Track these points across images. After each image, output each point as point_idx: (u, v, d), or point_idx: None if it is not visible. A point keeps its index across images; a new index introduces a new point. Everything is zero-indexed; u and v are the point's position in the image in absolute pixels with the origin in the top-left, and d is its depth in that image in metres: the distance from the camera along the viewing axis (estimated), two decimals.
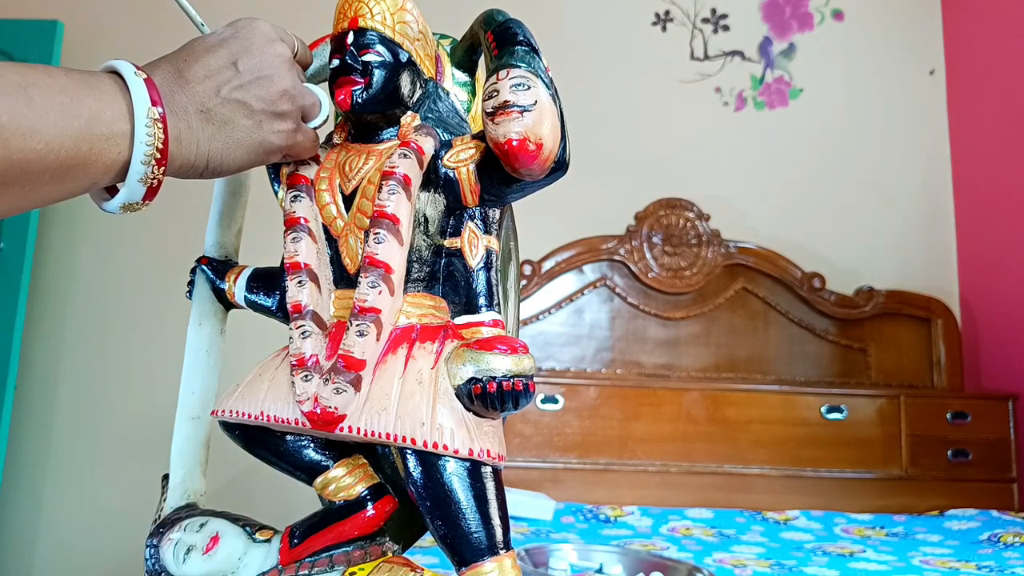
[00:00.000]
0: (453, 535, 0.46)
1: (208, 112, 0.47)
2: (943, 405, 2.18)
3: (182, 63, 0.48)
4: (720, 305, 2.40)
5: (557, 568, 1.20)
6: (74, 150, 0.41)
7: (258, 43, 0.50)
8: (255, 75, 0.49)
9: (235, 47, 0.49)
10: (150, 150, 0.44)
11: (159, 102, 0.45)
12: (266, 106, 0.49)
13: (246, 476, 2.05)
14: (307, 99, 0.52)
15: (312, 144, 0.54)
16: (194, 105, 0.47)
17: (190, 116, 0.47)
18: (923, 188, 2.57)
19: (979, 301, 2.43)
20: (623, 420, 2.12)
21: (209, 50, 0.49)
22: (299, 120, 0.52)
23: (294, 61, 0.52)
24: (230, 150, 0.49)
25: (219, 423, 0.55)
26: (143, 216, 2.67)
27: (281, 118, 0.50)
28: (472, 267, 0.51)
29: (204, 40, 0.50)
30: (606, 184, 2.48)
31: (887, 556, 1.57)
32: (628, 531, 1.78)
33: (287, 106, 0.50)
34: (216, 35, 0.51)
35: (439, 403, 0.46)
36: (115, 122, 0.43)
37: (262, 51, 0.49)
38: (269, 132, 0.50)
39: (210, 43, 0.50)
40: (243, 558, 0.52)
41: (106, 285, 2.39)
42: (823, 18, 2.65)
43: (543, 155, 0.45)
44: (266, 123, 0.49)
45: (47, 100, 0.41)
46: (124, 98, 0.44)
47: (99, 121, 0.43)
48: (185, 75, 0.47)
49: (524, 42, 0.47)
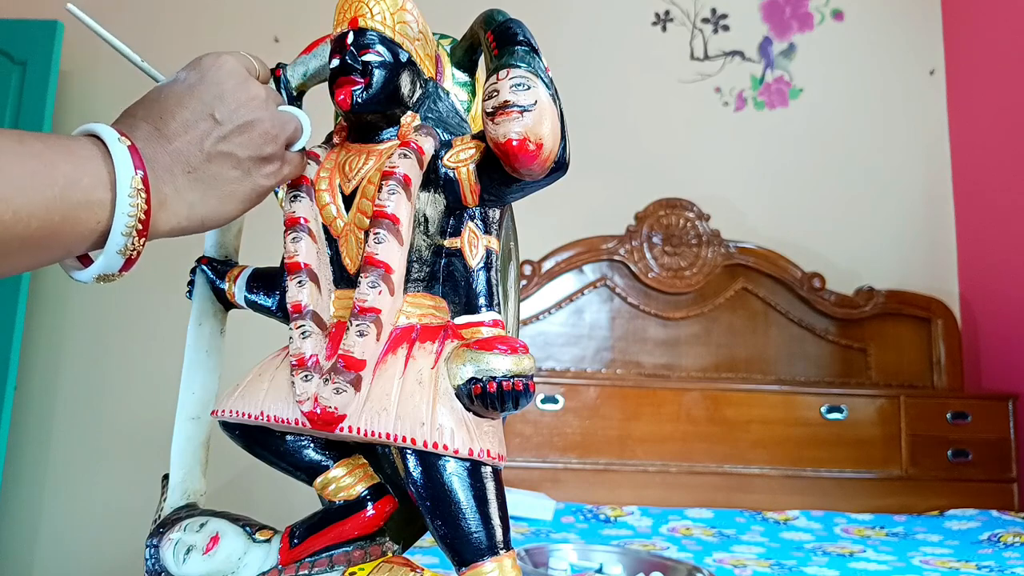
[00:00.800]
0: (453, 535, 0.46)
1: (195, 171, 0.45)
2: (943, 405, 2.18)
3: (158, 120, 0.46)
4: (720, 305, 2.40)
5: (557, 568, 1.20)
6: (46, 219, 0.39)
7: (230, 87, 0.47)
8: (235, 123, 0.47)
9: (207, 95, 0.47)
10: (132, 220, 0.42)
11: (142, 166, 0.42)
12: (252, 152, 0.47)
13: (246, 476, 2.05)
14: (288, 130, 0.50)
15: (300, 166, 0.53)
16: (179, 166, 0.45)
17: (176, 178, 0.45)
18: (923, 188, 2.57)
19: (979, 301, 2.43)
20: (623, 420, 2.12)
21: (181, 102, 0.46)
22: (283, 152, 0.50)
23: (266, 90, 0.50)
24: (223, 204, 0.47)
25: (219, 423, 0.55)
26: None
27: (268, 161, 0.49)
28: (472, 267, 0.51)
29: (172, 89, 0.48)
30: (606, 184, 2.48)
31: (887, 556, 1.57)
32: (628, 531, 1.78)
33: (271, 148, 0.48)
34: (182, 82, 0.48)
35: (439, 403, 0.46)
36: (94, 189, 0.41)
37: (236, 95, 0.47)
38: (259, 177, 0.48)
39: (179, 92, 0.47)
40: (243, 558, 0.52)
41: (106, 285, 2.39)
42: (823, 18, 2.65)
43: (543, 155, 0.45)
44: (254, 169, 0.48)
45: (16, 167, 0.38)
46: (105, 164, 0.42)
47: (76, 188, 0.40)
48: (164, 133, 0.45)
49: (524, 42, 0.47)
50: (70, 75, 2.52)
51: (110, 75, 2.57)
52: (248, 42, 2.53)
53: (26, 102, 2.33)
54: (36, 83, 2.33)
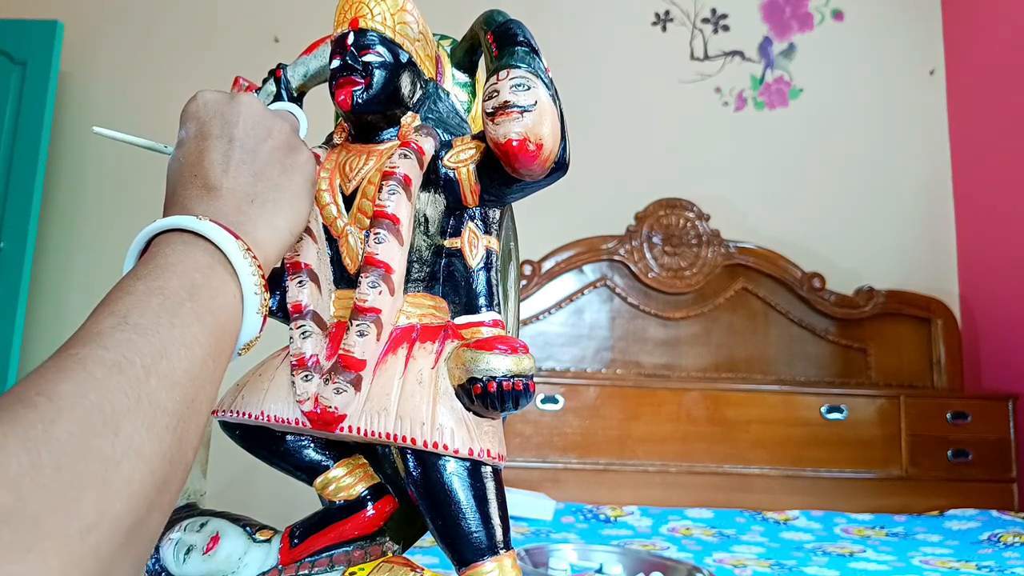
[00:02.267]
0: (453, 535, 0.46)
1: (256, 197, 0.46)
2: (943, 405, 2.18)
3: (195, 180, 0.46)
4: (720, 305, 2.40)
5: (557, 568, 1.20)
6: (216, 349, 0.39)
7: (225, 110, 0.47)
8: (252, 135, 0.47)
9: (214, 129, 0.47)
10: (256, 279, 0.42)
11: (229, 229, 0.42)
12: (282, 149, 0.48)
13: (246, 476, 2.05)
14: (288, 119, 0.51)
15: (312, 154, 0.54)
16: (243, 203, 0.45)
17: (248, 214, 0.45)
18: (923, 188, 2.58)
19: (979, 301, 2.43)
20: (623, 420, 2.12)
21: (201, 151, 0.46)
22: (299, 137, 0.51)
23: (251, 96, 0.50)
24: (296, 205, 0.48)
25: (219, 423, 0.55)
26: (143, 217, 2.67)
27: (296, 149, 0.49)
28: (472, 267, 0.51)
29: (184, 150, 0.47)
30: (606, 184, 2.48)
31: (887, 556, 1.57)
32: (628, 531, 1.78)
33: (291, 137, 0.50)
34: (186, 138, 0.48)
35: (439, 403, 0.46)
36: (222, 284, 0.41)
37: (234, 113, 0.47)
38: (303, 165, 0.49)
39: (193, 147, 0.47)
40: (243, 558, 0.52)
41: (106, 285, 2.38)
42: (823, 18, 2.65)
43: (543, 155, 0.45)
44: (294, 162, 0.49)
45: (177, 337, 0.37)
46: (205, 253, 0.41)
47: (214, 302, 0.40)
48: (211, 184, 0.45)
49: (524, 42, 0.47)
50: (70, 75, 2.53)
51: (110, 75, 2.57)
52: (248, 42, 2.53)
53: (26, 102, 2.33)
54: (36, 83, 2.33)
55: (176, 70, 2.55)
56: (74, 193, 2.50)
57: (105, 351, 0.34)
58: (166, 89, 2.53)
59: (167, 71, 2.56)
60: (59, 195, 2.49)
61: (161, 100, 2.53)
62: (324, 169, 0.54)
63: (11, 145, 2.32)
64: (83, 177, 2.52)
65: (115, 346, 0.34)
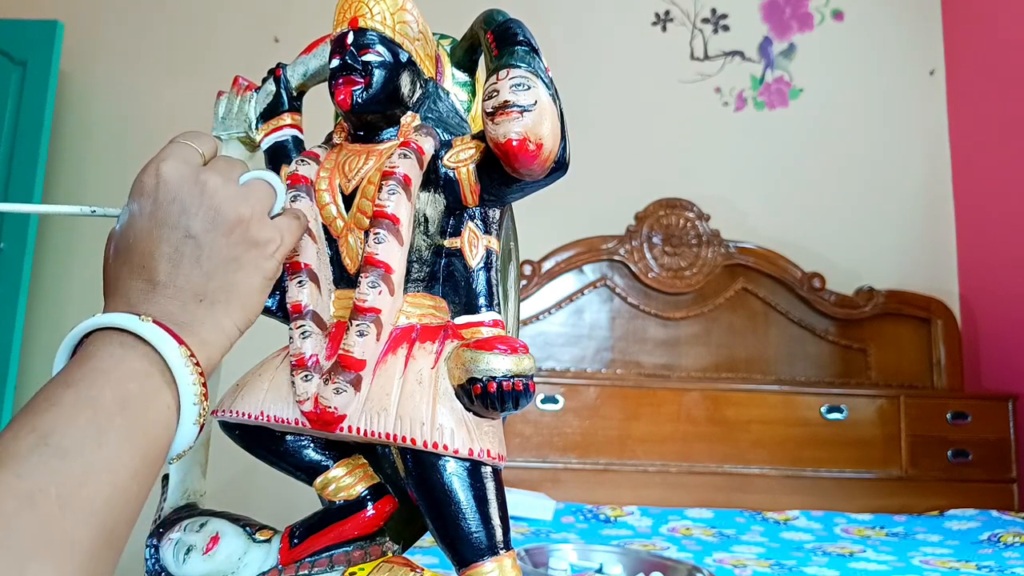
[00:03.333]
0: (453, 535, 0.46)
1: (205, 296, 0.43)
2: (943, 405, 2.18)
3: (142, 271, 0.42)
4: (720, 305, 2.40)
5: (557, 568, 1.20)
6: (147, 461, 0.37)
7: (185, 195, 0.43)
8: (210, 228, 0.43)
9: (170, 217, 0.43)
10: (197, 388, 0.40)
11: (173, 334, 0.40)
12: (241, 243, 0.44)
13: (246, 476, 2.05)
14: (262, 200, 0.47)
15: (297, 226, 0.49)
16: (190, 302, 0.42)
17: (195, 314, 0.42)
18: (923, 188, 2.58)
19: (979, 301, 2.43)
20: (623, 420, 2.12)
21: (151, 237, 0.43)
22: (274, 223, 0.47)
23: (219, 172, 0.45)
24: (247, 304, 0.45)
25: (219, 423, 0.55)
26: None
27: (260, 243, 0.45)
28: (472, 267, 0.51)
29: (134, 229, 0.43)
30: (606, 184, 2.48)
31: (887, 556, 1.57)
32: (628, 531, 1.78)
33: (256, 230, 0.45)
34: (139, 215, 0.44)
35: (439, 403, 0.46)
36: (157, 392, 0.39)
37: (195, 200, 0.43)
38: (263, 261, 0.46)
39: (144, 228, 0.43)
40: (243, 558, 0.52)
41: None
42: (823, 18, 2.65)
43: (543, 155, 0.45)
44: (255, 258, 0.45)
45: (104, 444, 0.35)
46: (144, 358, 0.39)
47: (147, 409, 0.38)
48: (157, 280, 0.42)
49: (524, 42, 0.47)
50: (70, 75, 2.52)
51: (110, 75, 2.57)
52: (248, 42, 2.53)
53: (26, 102, 2.33)
54: (36, 83, 2.33)
55: (176, 70, 2.55)
56: (74, 193, 2.50)
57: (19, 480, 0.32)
58: (166, 89, 2.53)
59: (167, 71, 2.56)
60: (59, 195, 2.49)
61: (161, 100, 2.53)
62: (324, 169, 0.54)
63: (11, 145, 2.32)
64: (83, 177, 2.52)
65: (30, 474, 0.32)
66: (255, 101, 0.61)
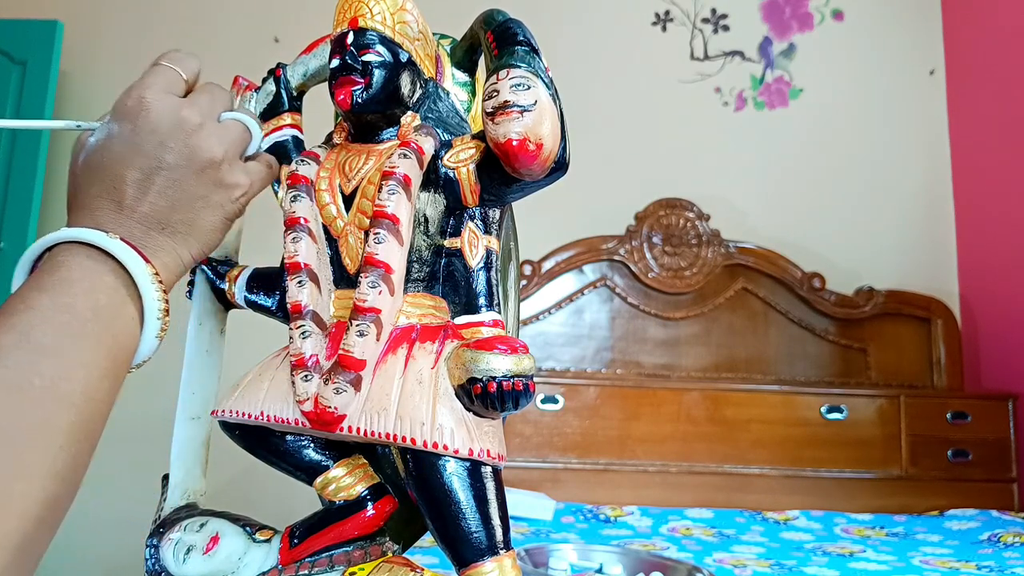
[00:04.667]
0: (453, 535, 0.46)
1: (168, 225, 0.45)
2: (943, 405, 2.18)
3: (113, 192, 0.44)
4: (720, 305, 2.40)
5: (557, 568, 1.20)
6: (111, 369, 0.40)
7: (164, 126, 0.45)
8: (183, 163, 0.45)
9: (146, 144, 0.44)
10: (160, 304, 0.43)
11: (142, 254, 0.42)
12: (210, 183, 0.46)
13: (246, 476, 2.05)
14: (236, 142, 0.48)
15: (266, 174, 0.51)
16: (154, 228, 0.44)
17: (157, 240, 0.44)
18: (923, 188, 2.58)
19: (979, 301, 2.43)
20: (623, 420, 2.12)
21: (125, 161, 0.44)
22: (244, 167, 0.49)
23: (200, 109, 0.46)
24: (205, 239, 0.47)
25: (219, 423, 0.55)
26: None
27: (228, 186, 0.47)
28: (472, 267, 0.51)
29: (110, 148, 0.45)
30: (606, 184, 2.48)
31: (887, 556, 1.57)
32: (628, 531, 1.78)
33: (226, 170, 0.47)
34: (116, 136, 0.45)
35: (439, 403, 0.46)
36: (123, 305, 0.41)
37: (172, 133, 0.45)
38: (228, 204, 0.47)
39: (119, 152, 0.44)
40: (243, 558, 0.52)
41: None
42: (823, 18, 2.65)
43: (543, 155, 0.45)
44: (220, 198, 0.47)
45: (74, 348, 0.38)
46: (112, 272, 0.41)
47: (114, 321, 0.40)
48: (125, 203, 0.44)
49: (524, 42, 0.47)
50: (70, 75, 2.52)
51: (110, 75, 2.57)
52: (248, 42, 2.53)
53: (26, 102, 2.33)
54: (36, 83, 2.33)
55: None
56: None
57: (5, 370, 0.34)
58: None
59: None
60: (59, 195, 2.49)
61: None
62: (324, 169, 0.54)
63: (11, 145, 2.32)
64: None
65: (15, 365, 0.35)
66: (255, 101, 0.61)
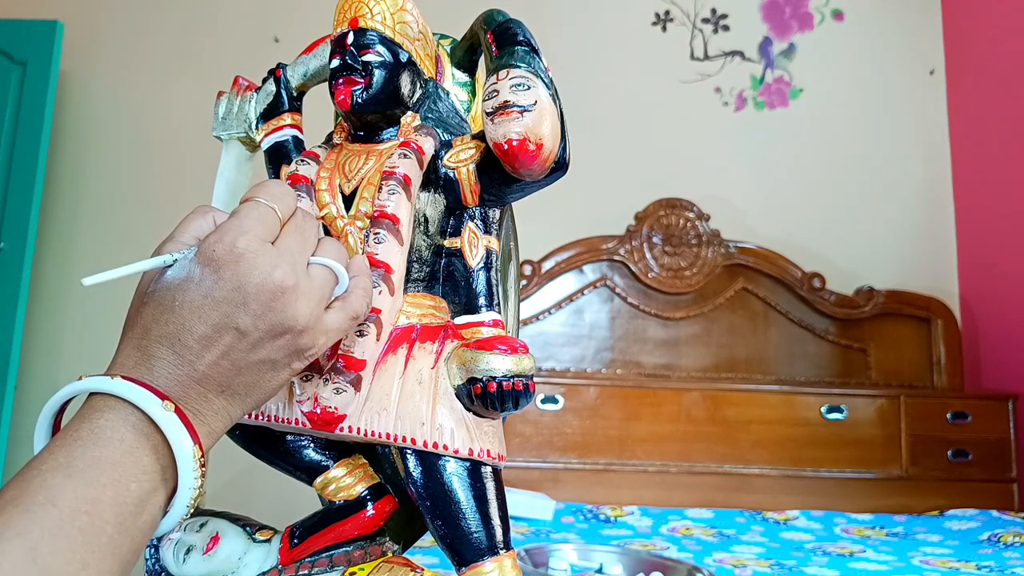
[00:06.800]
0: (453, 535, 0.46)
1: (227, 389, 0.40)
2: (943, 405, 2.18)
3: (176, 343, 0.39)
4: (720, 305, 2.40)
5: (557, 568, 1.19)
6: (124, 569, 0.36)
7: (252, 287, 0.39)
8: (264, 330, 0.40)
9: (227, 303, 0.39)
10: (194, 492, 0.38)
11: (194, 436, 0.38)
12: (286, 349, 0.41)
13: (246, 476, 2.05)
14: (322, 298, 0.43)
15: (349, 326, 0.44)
16: (212, 390, 0.40)
17: (212, 403, 0.40)
18: (923, 188, 2.57)
19: (979, 301, 2.43)
20: (623, 420, 2.12)
21: (198, 315, 0.39)
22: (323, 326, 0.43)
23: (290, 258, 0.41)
24: (262, 399, 0.43)
25: None
26: (143, 217, 2.66)
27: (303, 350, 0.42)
28: (472, 267, 0.51)
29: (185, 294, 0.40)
30: (606, 184, 2.48)
31: (887, 556, 1.57)
32: (628, 531, 1.78)
33: (307, 336, 0.42)
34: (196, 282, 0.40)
35: (439, 403, 0.46)
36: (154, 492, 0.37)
37: (259, 297, 0.40)
38: (297, 362, 0.43)
39: (195, 301, 0.39)
40: (243, 558, 0.52)
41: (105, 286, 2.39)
42: (823, 18, 2.65)
43: (543, 155, 0.45)
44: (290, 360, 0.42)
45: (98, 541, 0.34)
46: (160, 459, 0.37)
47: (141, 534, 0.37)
48: (187, 358, 0.39)
49: (524, 42, 0.47)
50: (70, 75, 2.52)
51: (110, 75, 2.57)
52: (248, 42, 2.53)
53: (26, 102, 2.33)
54: (36, 83, 2.33)
55: (176, 70, 2.55)
56: (74, 193, 2.50)
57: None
58: (166, 89, 2.53)
59: (167, 71, 2.55)
60: (59, 195, 2.49)
61: (161, 100, 2.53)
62: (324, 169, 0.54)
63: (11, 145, 2.32)
64: (83, 177, 2.52)
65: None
66: (255, 101, 0.61)
